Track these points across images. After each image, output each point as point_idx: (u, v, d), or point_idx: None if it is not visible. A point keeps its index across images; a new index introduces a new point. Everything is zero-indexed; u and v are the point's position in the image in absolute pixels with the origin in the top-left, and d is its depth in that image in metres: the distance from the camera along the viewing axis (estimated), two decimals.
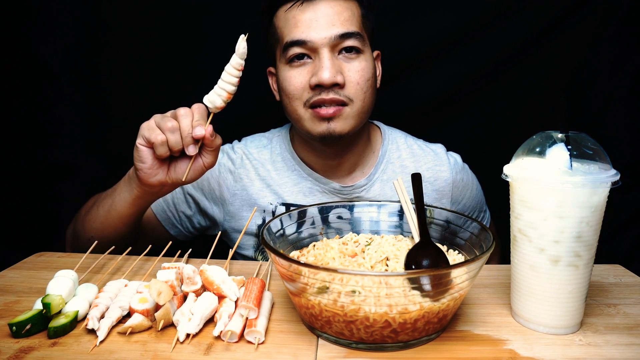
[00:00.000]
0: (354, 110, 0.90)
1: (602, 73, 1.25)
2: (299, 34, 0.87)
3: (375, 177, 1.00)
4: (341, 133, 0.90)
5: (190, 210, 1.03)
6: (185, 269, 0.66)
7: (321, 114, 0.88)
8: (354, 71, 0.89)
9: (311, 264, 0.58)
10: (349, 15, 0.88)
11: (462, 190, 1.05)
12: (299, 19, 0.87)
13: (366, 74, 0.90)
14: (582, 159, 0.60)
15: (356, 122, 0.91)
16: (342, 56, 0.89)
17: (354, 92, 0.89)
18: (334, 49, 0.88)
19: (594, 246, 0.60)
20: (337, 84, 0.87)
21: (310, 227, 0.77)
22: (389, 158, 1.02)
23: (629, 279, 0.78)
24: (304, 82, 0.89)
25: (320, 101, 0.88)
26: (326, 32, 0.86)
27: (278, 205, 0.99)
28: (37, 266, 0.83)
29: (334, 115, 0.88)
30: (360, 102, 0.90)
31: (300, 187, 0.99)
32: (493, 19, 1.25)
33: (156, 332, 0.61)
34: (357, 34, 0.88)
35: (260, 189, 1.00)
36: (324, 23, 0.86)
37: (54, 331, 0.59)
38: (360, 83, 0.89)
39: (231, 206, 1.01)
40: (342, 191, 0.99)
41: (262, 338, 0.59)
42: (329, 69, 0.85)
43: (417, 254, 0.66)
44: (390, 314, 0.54)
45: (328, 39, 0.86)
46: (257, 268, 0.82)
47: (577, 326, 0.63)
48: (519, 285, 0.63)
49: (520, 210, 0.62)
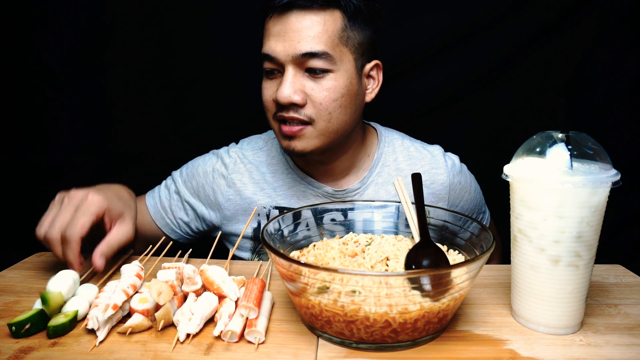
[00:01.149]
0: (317, 130, 0.86)
1: (602, 73, 1.25)
2: (267, 48, 0.85)
3: (369, 180, 0.99)
4: (303, 151, 0.88)
5: (188, 217, 1.04)
6: (185, 269, 0.66)
7: (283, 130, 0.87)
8: (319, 91, 0.84)
9: (311, 264, 0.58)
10: (318, 31, 0.82)
11: (459, 193, 1.03)
12: (271, 31, 0.85)
13: (333, 94, 0.85)
14: (583, 159, 0.60)
15: (321, 141, 0.88)
16: (308, 74, 0.85)
17: (316, 112, 0.85)
18: (300, 65, 0.84)
19: (595, 246, 0.60)
20: (295, 104, 0.84)
21: (305, 229, 0.76)
22: (384, 161, 1.01)
23: (629, 279, 0.78)
24: (272, 94, 0.87)
25: (281, 117, 0.86)
26: (290, 49, 0.83)
27: (272, 208, 0.99)
28: (37, 266, 0.83)
29: (295, 134, 0.86)
30: (324, 122, 0.86)
31: (294, 191, 0.99)
32: (493, 19, 1.25)
33: (156, 332, 0.61)
34: (322, 54, 0.83)
35: (253, 193, 1.00)
36: (290, 38, 0.83)
37: (53, 330, 0.59)
38: (324, 103, 0.84)
39: (227, 211, 1.01)
40: (334, 195, 0.98)
41: (262, 338, 0.59)
42: (286, 88, 0.83)
43: (417, 254, 0.66)
44: (391, 314, 0.54)
45: (291, 56, 0.83)
46: (257, 268, 0.82)
47: (578, 326, 0.63)
48: (519, 285, 0.63)
49: (520, 210, 0.62)
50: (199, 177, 1.03)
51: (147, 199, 1.06)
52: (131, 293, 0.64)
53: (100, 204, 0.79)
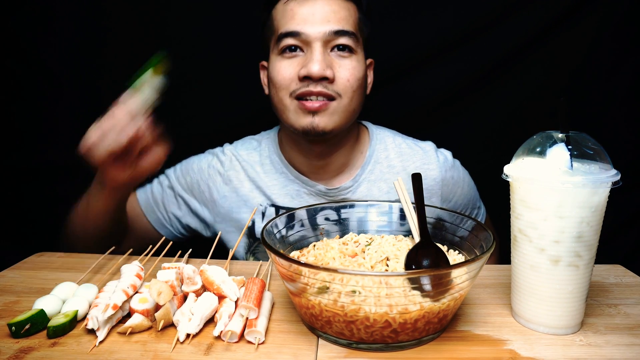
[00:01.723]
0: (340, 105, 0.89)
1: (602, 73, 1.25)
2: (294, 26, 0.88)
3: (361, 178, 0.99)
4: (325, 129, 0.89)
5: (181, 211, 1.04)
6: (185, 269, 0.66)
7: (306, 106, 0.87)
8: (345, 68, 0.89)
9: (311, 264, 0.58)
10: (345, 14, 0.89)
11: (452, 188, 1.03)
12: (296, 11, 0.88)
13: (357, 72, 0.90)
14: (583, 159, 0.60)
15: (341, 119, 0.90)
16: (334, 53, 0.89)
17: (342, 88, 0.88)
18: (326, 45, 0.88)
19: (595, 246, 0.60)
20: (326, 78, 0.87)
21: (301, 229, 0.76)
22: (376, 158, 1.01)
23: (629, 279, 0.78)
24: (292, 73, 0.88)
25: (307, 93, 0.87)
26: (321, 27, 0.87)
27: (267, 206, 0.99)
28: (37, 266, 0.83)
29: (320, 109, 0.87)
30: (347, 99, 0.89)
31: (287, 190, 0.99)
32: (493, 19, 1.25)
33: (156, 332, 0.61)
34: (351, 33, 0.89)
35: (250, 190, 1.00)
36: (320, 18, 0.87)
37: (53, 330, 0.59)
38: (351, 81, 0.89)
39: (221, 208, 1.01)
40: (328, 193, 0.98)
41: (262, 338, 0.59)
42: (319, 62, 0.85)
43: (417, 254, 0.66)
44: (391, 314, 0.54)
45: (322, 33, 0.87)
46: (257, 268, 0.82)
47: (578, 326, 0.63)
48: (519, 285, 0.63)
49: (520, 210, 0.62)
50: (193, 173, 1.03)
51: (138, 193, 1.06)
52: (131, 293, 0.64)
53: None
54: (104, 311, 0.59)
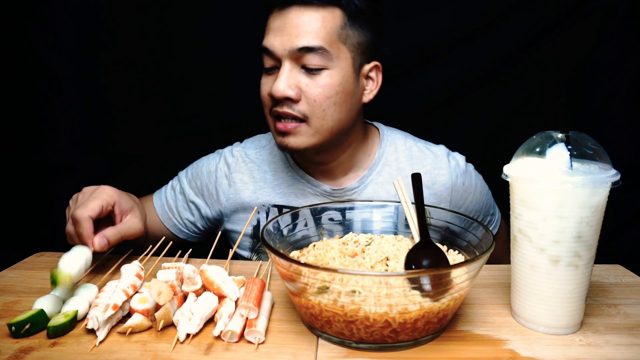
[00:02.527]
0: (311, 128, 0.86)
1: (602, 73, 1.25)
2: (266, 42, 0.86)
3: (368, 179, 0.99)
4: (297, 149, 0.88)
5: (194, 217, 1.06)
6: (185, 269, 0.66)
7: (278, 127, 0.87)
8: (313, 87, 0.84)
9: (311, 264, 0.58)
10: (317, 27, 0.83)
11: (462, 195, 1.01)
12: (271, 26, 0.86)
13: (327, 91, 0.85)
14: (583, 158, 0.60)
15: (316, 139, 0.88)
16: (304, 70, 0.85)
17: (309, 109, 0.85)
18: (297, 61, 0.85)
19: (594, 246, 0.60)
20: (289, 99, 0.84)
21: (304, 228, 0.76)
22: (385, 160, 1.00)
23: (629, 279, 0.78)
24: (268, 89, 0.88)
25: (276, 113, 0.87)
26: (287, 43, 0.83)
27: (270, 207, 1.00)
28: (37, 266, 0.83)
29: (289, 131, 0.86)
30: (318, 120, 0.86)
31: (293, 189, 0.99)
32: (493, 19, 1.25)
33: (156, 332, 0.61)
34: (318, 49, 0.83)
35: (253, 192, 1.01)
36: (288, 33, 0.83)
37: (53, 330, 0.59)
38: (318, 100, 0.84)
39: (226, 209, 1.03)
40: (332, 194, 0.98)
41: (262, 338, 0.59)
42: (280, 82, 0.83)
43: (417, 254, 0.66)
44: (391, 314, 0.54)
45: (288, 51, 0.83)
46: (257, 268, 0.82)
47: (578, 326, 0.63)
48: (519, 285, 0.63)
49: (520, 210, 0.62)
50: (203, 176, 1.04)
51: (155, 200, 1.07)
52: (131, 293, 0.64)
53: (112, 192, 0.82)
54: (104, 311, 0.59)
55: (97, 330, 0.59)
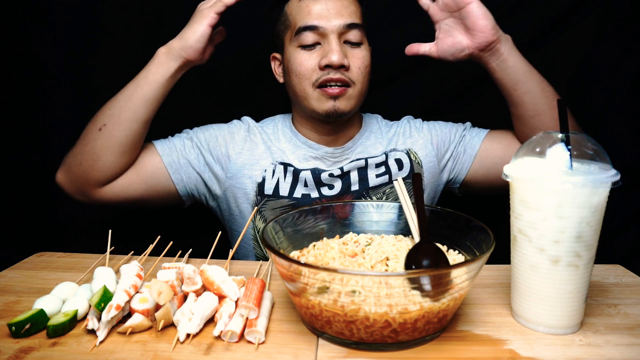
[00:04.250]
0: (355, 91, 1.01)
1: (602, 73, 1.25)
2: (312, 21, 0.98)
3: (358, 142, 1.10)
4: (344, 111, 1.01)
5: (196, 160, 1.06)
6: (185, 269, 0.66)
7: (328, 92, 0.99)
8: (356, 57, 1.01)
9: (311, 264, 0.58)
10: (354, 9, 1.02)
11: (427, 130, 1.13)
12: (312, 8, 0.99)
13: (365, 61, 1.02)
14: (582, 159, 0.60)
15: (356, 102, 1.03)
16: (347, 45, 1.01)
17: (356, 76, 1.00)
18: (340, 37, 0.99)
19: (594, 246, 0.60)
20: (344, 66, 0.98)
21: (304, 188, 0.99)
22: (370, 128, 1.14)
23: (629, 279, 0.78)
24: (313, 64, 0.99)
25: (328, 80, 0.98)
26: (335, 21, 0.98)
27: (277, 164, 1.06)
28: (37, 266, 0.83)
29: (340, 94, 0.99)
30: (360, 85, 1.02)
31: (296, 154, 1.07)
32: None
33: (156, 332, 0.61)
34: (360, 26, 1.01)
35: (263, 151, 1.08)
36: (334, 13, 0.99)
37: (53, 330, 0.59)
38: (361, 68, 1.01)
39: (234, 164, 1.06)
40: (334, 154, 1.07)
41: (262, 338, 0.59)
42: (337, 52, 0.97)
43: (417, 254, 0.66)
44: (391, 314, 0.54)
45: (337, 26, 0.98)
46: (257, 268, 0.82)
47: (578, 326, 0.63)
48: (519, 285, 0.63)
49: (520, 210, 0.62)
50: (212, 129, 1.09)
51: (155, 141, 1.07)
52: (133, 293, 0.64)
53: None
54: (107, 312, 0.59)
55: (97, 330, 0.59)
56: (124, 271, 0.69)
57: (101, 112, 0.99)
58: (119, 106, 0.97)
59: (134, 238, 0.98)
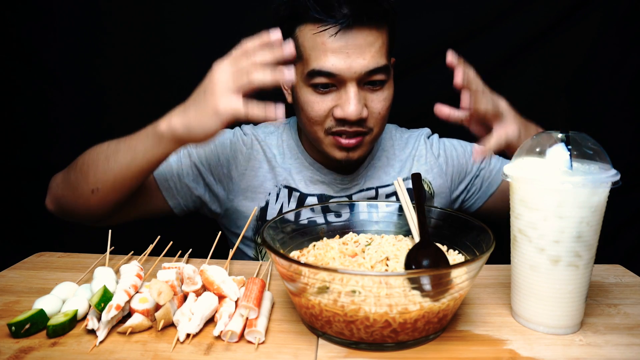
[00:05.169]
0: (372, 137, 0.92)
1: (602, 73, 1.25)
2: (328, 65, 0.83)
3: (370, 164, 1.03)
4: (358, 159, 0.93)
5: (195, 183, 0.99)
6: (185, 269, 0.66)
7: (342, 143, 0.89)
8: (377, 102, 0.88)
9: (311, 264, 0.58)
10: (379, 45, 0.85)
11: (450, 155, 1.06)
12: (329, 47, 0.83)
13: (387, 102, 0.90)
14: (583, 159, 0.60)
15: (371, 147, 0.95)
16: (368, 87, 0.88)
17: (374, 122, 0.90)
18: (360, 81, 0.86)
19: (594, 246, 0.60)
20: (362, 119, 0.87)
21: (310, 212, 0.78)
22: (383, 146, 1.05)
23: (629, 279, 0.78)
24: (326, 110, 0.87)
25: (343, 132, 0.88)
26: (356, 66, 0.83)
27: (282, 187, 0.99)
28: (37, 266, 0.83)
29: (355, 145, 0.89)
30: (378, 129, 0.91)
31: (302, 175, 1.00)
32: (493, 19, 1.25)
33: (156, 332, 0.61)
34: (384, 68, 0.86)
35: (267, 171, 1.00)
36: (355, 56, 0.83)
37: (52, 330, 0.59)
38: (382, 112, 0.90)
39: (237, 186, 0.99)
40: (343, 181, 1.00)
41: (262, 338, 0.59)
42: (355, 105, 0.84)
43: (417, 254, 0.66)
44: (391, 314, 0.54)
45: (357, 74, 0.83)
46: (257, 268, 0.82)
47: (578, 326, 0.63)
48: (519, 285, 0.63)
49: (520, 210, 0.62)
50: (214, 146, 0.99)
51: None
52: (132, 293, 0.64)
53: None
54: (107, 312, 0.59)
55: (97, 330, 0.59)
56: (123, 271, 0.69)
57: (94, 174, 0.86)
58: (112, 174, 0.83)
59: (134, 238, 0.98)
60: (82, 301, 0.64)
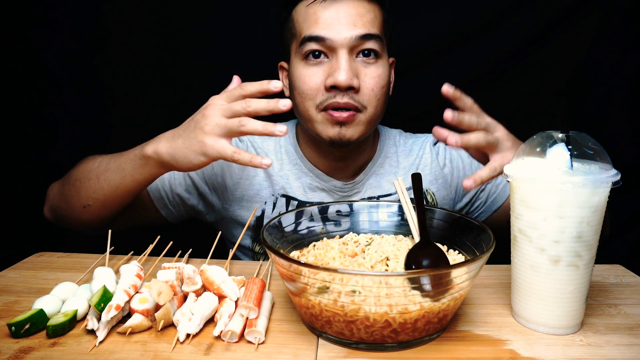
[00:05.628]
0: (366, 117, 0.89)
1: (602, 73, 1.25)
2: (318, 30, 0.85)
3: (371, 171, 1.01)
4: (351, 139, 0.89)
5: (187, 193, 0.99)
6: (185, 269, 0.66)
7: (334, 117, 0.87)
8: (370, 77, 0.87)
9: (311, 264, 0.58)
10: (371, 17, 0.87)
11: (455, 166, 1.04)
12: (320, 15, 0.85)
13: (382, 80, 0.88)
14: (583, 158, 0.60)
15: (367, 128, 0.91)
16: (360, 59, 0.87)
17: (367, 99, 0.88)
18: (352, 51, 0.86)
19: (595, 246, 0.60)
20: (352, 88, 0.85)
21: (309, 221, 0.77)
22: (386, 153, 1.03)
23: (629, 279, 0.78)
24: (318, 82, 0.87)
25: (334, 104, 0.86)
26: (347, 32, 0.84)
27: (279, 197, 0.98)
28: (37, 266, 0.83)
29: (347, 120, 0.87)
30: (372, 109, 0.89)
31: (301, 182, 0.99)
32: (493, 19, 1.25)
33: (156, 332, 0.61)
34: (377, 37, 0.87)
35: (263, 179, 0.99)
36: (346, 22, 0.84)
37: (52, 330, 0.59)
38: (375, 90, 0.88)
39: (232, 195, 0.99)
40: (343, 188, 0.99)
41: (262, 338, 0.59)
42: (345, 71, 0.84)
43: (417, 254, 0.66)
44: (391, 314, 0.54)
45: (348, 39, 0.84)
46: (257, 268, 0.82)
47: (578, 326, 0.63)
48: (519, 285, 0.63)
49: (520, 210, 0.62)
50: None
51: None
52: (132, 293, 0.64)
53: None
54: (107, 312, 0.59)
55: (97, 331, 0.59)
56: (123, 271, 0.69)
57: (85, 191, 0.87)
58: (102, 193, 0.85)
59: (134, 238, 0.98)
60: (82, 301, 0.64)
